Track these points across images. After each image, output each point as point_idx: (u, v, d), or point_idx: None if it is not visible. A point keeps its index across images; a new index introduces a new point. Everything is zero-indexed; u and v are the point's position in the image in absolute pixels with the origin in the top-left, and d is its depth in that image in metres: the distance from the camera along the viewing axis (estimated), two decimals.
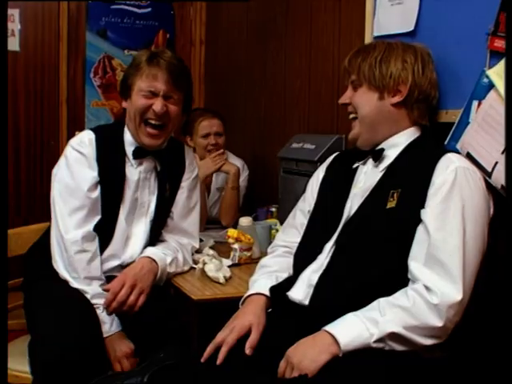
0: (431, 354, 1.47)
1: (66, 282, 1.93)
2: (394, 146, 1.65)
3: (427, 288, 1.42)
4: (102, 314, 1.89)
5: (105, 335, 1.87)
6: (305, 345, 1.45)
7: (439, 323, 1.40)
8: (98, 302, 1.91)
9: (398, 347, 1.42)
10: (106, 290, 1.94)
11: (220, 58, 3.86)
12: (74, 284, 1.92)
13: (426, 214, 1.48)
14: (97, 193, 2.01)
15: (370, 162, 1.69)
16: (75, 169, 2.00)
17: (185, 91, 2.08)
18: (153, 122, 2.02)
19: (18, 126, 3.69)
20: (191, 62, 4.05)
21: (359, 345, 1.40)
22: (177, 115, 2.06)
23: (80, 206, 1.98)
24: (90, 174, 2.00)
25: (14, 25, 3.63)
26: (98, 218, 2.01)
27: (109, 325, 1.89)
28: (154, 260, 2.04)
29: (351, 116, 1.73)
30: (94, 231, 1.99)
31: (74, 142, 2.05)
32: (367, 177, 1.67)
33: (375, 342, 1.40)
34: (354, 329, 1.42)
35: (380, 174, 1.64)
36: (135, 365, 1.85)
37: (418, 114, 1.67)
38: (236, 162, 3.08)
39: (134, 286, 1.94)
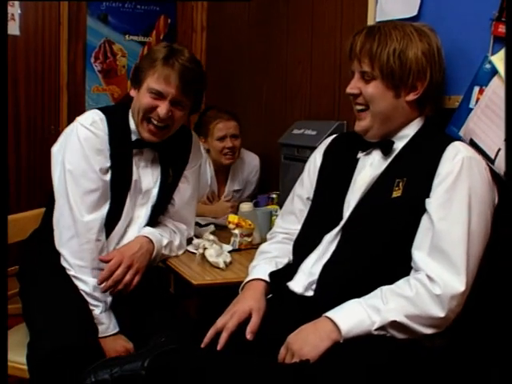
0: (431, 342, 1.47)
1: (63, 275, 1.91)
2: (403, 138, 1.63)
3: (430, 278, 1.42)
4: (100, 314, 1.88)
5: (101, 335, 1.86)
6: (306, 331, 1.45)
7: (441, 313, 1.40)
8: (98, 295, 1.89)
9: (399, 335, 1.42)
10: (102, 261, 1.93)
11: (222, 45, 3.84)
12: (78, 273, 1.90)
13: (431, 203, 1.48)
14: (108, 176, 1.98)
15: (377, 153, 1.66)
16: (88, 149, 1.94)
17: (194, 97, 2.02)
18: (155, 122, 1.97)
19: (19, 110, 3.68)
20: (192, 48, 4.03)
21: (360, 332, 1.41)
22: (181, 119, 2.02)
23: (94, 189, 1.94)
24: (103, 155, 1.96)
25: (14, 9, 3.61)
26: (108, 202, 1.98)
27: (106, 326, 1.88)
28: (151, 240, 2.04)
29: (359, 108, 1.65)
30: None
31: (84, 120, 1.97)
32: (374, 169, 1.64)
33: (376, 329, 1.40)
34: (355, 316, 1.42)
35: (386, 164, 1.63)
36: None
37: (429, 108, 1.65)
38: (253, 159, 3.09)
39: (130, 266, 1.93)
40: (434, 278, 1.41)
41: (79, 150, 1.94)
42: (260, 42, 3.25)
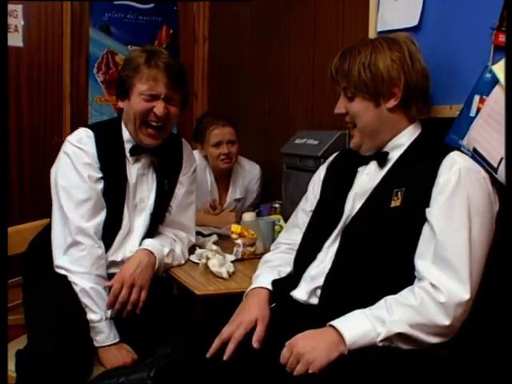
0: (436, 352, 1.46)
1: (65, 285, 1.92)
2: (397, 147, 1.65)
3: (434, 286, 1.42)
4: (100, 323, 1.88)
5: (99, 345, 1.87)
6: (314, 338, 1.43)
7: (446, 322, 1.40)
8: (98, 302, 1.90)
9: (404, 346, 1.42)
10: (108, 287, 1.95)
11: (223, 54, 3.86)
12: (78, 279, 1.91)
13: (431, 213, 1.49)
14: (100, 186, 2.01)
15: (373, 163, 1.68)
16: (77, 163, 1.99)
17: (183, 91, 2.09)
18: (154, 123, 2.03)
19: (22, 121, 3.69)
20: (194, 58, 4.06)
21: (365, 343, 1.40)
22: (175, 115, 2.08)
23: (86, 198, 1.98)
24: (92, 169, 2.01)
25: (17, 20, 3.63)
26: (104, 212, 2.02)
27: (105, 335, 1.88)
28: (152, 252, 2.05)
29: (349, 124, 1.70)
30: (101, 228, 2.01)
31: (72, 138, 2.05)
32: (370, 177, 1.66)
33: (381, 341, 1.40)
34: (360, 327, 1.41)
35: (383, 174, 1.64)
36: None
37: (416, 111, 1.66)
38: (253, 168, 3.09)
39: (133, 285, 1.95)
40: (438, 285, 1.42)
41: (69, 164, 2.00)
42: (262, 52, 3.26)
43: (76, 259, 1.93)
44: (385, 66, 1.61)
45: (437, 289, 1.42)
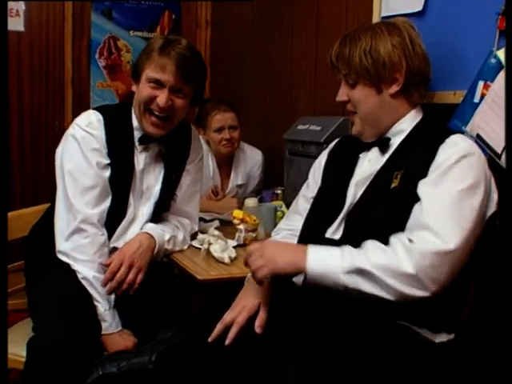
0: (437, 338, 1.47)
1: (68, 270, 1.92)
2: (399, 133, 1.63)
3: (409, 239, 1.40)
4: (104, 312, 1.88)
5: (103, 332, 1.86)
6: (284, 248, 1.54)
7: (410, 269, 1.36)
8: (101, 290, 1.90)
9: (367, 287, 1.40)
10: (105, 266, 1.94)
11: (226, 40, 3.84)
12: (80, 267, 1.91)
13: (420, 183, 1.47)
14: (107, 173, 1.99)
15: (375, 149, 1.67)
16: (85, 148, 1.96)
17: (195, 84, 2.02)
18: (156, 113, 1.99)
19: (23, 106, 3.69)
20: (197, 44, 4.02)
21: (327, 272, 1.42)
22: (183, 108, 2.02)
23: (92, 185, 1.96)
24: (100, 155, 1.98)
25: (19, 5, 3.61)
26: (109, 199, 2.00)
27: (108, 323, 1.88)
28: (152, 236, 2.04)
29: (351, 112, 1.69)
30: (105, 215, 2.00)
31: (81, 121, 2.00)
32: (372, 164, 1.65)
33: (344, 274, 1.40)
34: (328, 256, 1.44)
35: (384, 160, 1.63)
36: None
37: (418, 96, 1.64)
38: (255, 154, 3.08)
39: (131, 265, 1.94)
40: (412, 238, 1.40)
41: (77, 149, 1.97)
42: (265, 38, 3.25)
43: (79, 246, 1.93)
44: (386, 52, 1.59)
45: (410, 240, 1.40)
